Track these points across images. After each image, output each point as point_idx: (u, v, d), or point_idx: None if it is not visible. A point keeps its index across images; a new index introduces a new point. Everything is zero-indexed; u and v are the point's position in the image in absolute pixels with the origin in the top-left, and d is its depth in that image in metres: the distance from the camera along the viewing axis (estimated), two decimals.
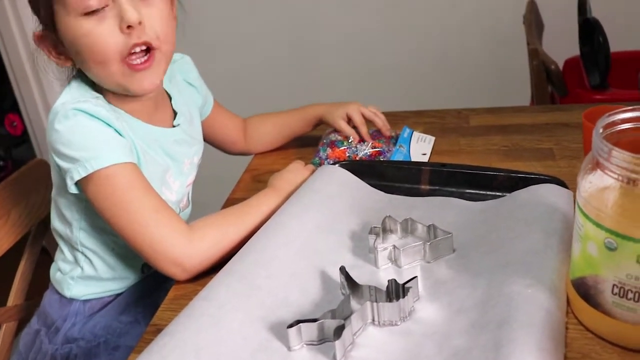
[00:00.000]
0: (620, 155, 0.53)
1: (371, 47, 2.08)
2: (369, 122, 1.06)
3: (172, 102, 0.95)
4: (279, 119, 1.14)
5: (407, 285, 0.63)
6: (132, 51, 0.79)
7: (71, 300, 0.92)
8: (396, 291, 0.64)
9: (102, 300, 0.94)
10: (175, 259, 0.75)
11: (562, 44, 1.77)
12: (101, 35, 0.77)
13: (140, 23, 0.77)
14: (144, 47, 0.80)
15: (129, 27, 0.77)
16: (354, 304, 0.65)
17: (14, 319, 1.04)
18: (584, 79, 1.60)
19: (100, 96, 0.84)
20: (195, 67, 1.04)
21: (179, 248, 0.75)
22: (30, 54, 2.21)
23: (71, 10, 0.76)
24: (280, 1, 2.08)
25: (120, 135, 0.81)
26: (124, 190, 0.77)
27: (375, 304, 0.62)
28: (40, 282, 1.02)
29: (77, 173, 0.77)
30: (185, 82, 1.01)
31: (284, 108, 1.16)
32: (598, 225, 0.55)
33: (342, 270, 0.66)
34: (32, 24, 0.85)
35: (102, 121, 0.79)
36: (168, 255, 0.75)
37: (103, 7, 0.76)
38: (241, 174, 1.06)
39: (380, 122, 1.07)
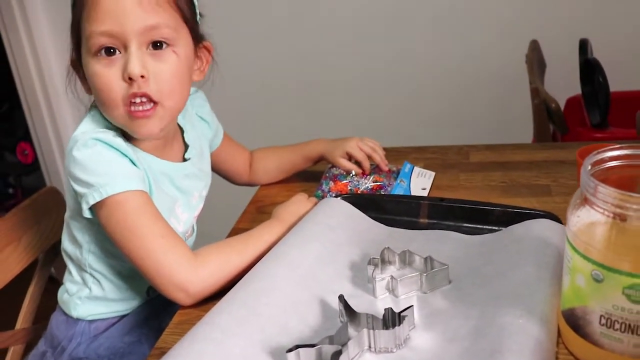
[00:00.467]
0: (605, 191, 0.55)
1: (376, 84, 2.12)
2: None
3: (185, 135, 0.99)
4: (282, 154, 1.17)
5: (403, 314, 0.65)
6: (133, 100, 0.82)
7: (77, 320, 0.95)
8: (392, 319, 0.66)
9: (108, 321, 0.96)
10: (179, 284, 0.78)
11: (564, 83, 1.81)
12: (108, 79, 0.81)
13: (142, 77, 0.80)
14: (144, 98, 0.82)
15: (130, 78, 0.80)
16: (351, 331, 0.67)
17: (22, 342, 1.06)
18: (585, 118, 1.63)
19: (113, 129, 0.88)
20: (207, 101, 1.08)
21: (183, 274, 0.78)
22: (44, 85, 2.29)
23: (87, 48, 0.81)
24: (289, 41, 2.13)
25: (135, 165, 0.85)
26: (134, 215, 0.80)
27: (372, 331, 0.65)
28: (47, 308, 1.05)
29: (92, 198, 0.80)
30: (197, 116, 1.04)
31: (290, 140, 1.19)
32: (585, 257, 0.58)
33: (341, 298, 0.69)
34: (47, 55, 0.91)
35: (119, 151, 0.83)
36: (173, 280, 0.78)
37: (114, 52, 0.80)
38: (246, 204, 1.09)
39: (378, 157, 1.10)
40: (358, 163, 1.09)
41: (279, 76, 2.18)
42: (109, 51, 0.80)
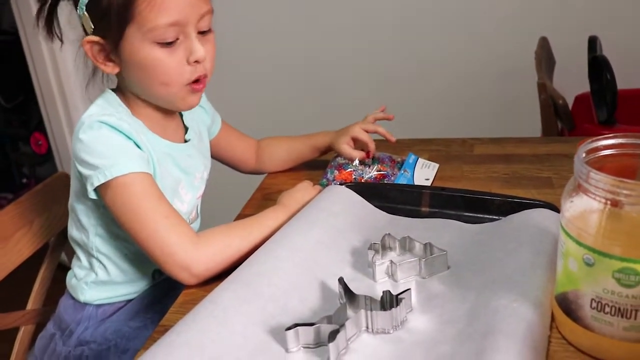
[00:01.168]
0: (597, 177, 0.57)
1: (385, 79, 2.14)
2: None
3: (183, 118, 1.02)
4: (290, 143, 1.20)
5: (400, 296, 0.67)
6: (196, 79, 0.89)
7: (85, 304, 0.98)
8: (390, 301, 0.68)
9: (114, 305, 0.98)
10: (182, 263, 0.80)
11: (574, 80, 1.81)
12: (171, 65, 0.86)
13: (205, 59, 0.88)
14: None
15: (196, 61, 0.87)
16: (350, 312, 0.69)
17: (32, 322, 1.09)
18: (593, 115, 1.63)
19: (126, 110, 0.92)
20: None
21: (187, 253, 0.80)
22: (58, 77, 2.32)
23: (147, 37, 0.84)
24: (297, 36, 2.15)
25: (139, 147, 0.87)
26: (138, 197, 0.83)
27: (369, 312, 0.66)
28: (57, 290, 1.08)
29: (97, 179, 0.83)
30: None
31: (296, 132, 1.21)
32: (577, 242, 0.59)
33: (341, 280, 0.70)
34: (63, 48, 0.93)
35: (124, 134, 0.86)
36: (176, 259, 0.80)
37: (175, 41, 0.85)
38: (253, 192, 1.11)
39: (383, 130, 1.12)
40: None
41: (286, 72, 2.21)
42: (169, 43, 0.85)
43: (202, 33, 0.89)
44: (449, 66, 2.06)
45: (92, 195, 0.85)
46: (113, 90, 0.94)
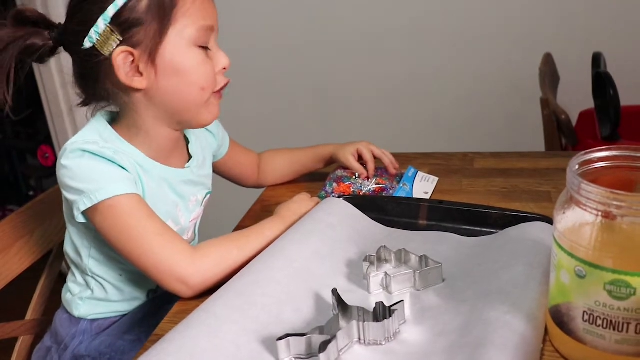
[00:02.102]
0: (589, 189, 0.57)
1: (389, 95, 2.15)
2: (376, 160, 1.12)
3: (189, 146, 1.01)
4: (292, 155, 1.20)
5: (393, 308, 0.67)
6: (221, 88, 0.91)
7: (79, 319, 0.98)
8: (383, 313, 0.67)
9: (109, 320, 0.98)
10: (179, 276, 0.80)
11: (578, 97, 1.81)
12: (211, 70, 0.88)
13: None
14: None
15: (224, 68, 0.90)
16: (342, 322, 0.68)
17: (31, 332, 1.09)
18: (597, 131, 1.63)
19: (115, 136, 0.90)
20: None
21: (183, 266, 0.80)
22: (66, 91, 2.34)
23: (191, 39, 0.85)
24: (301, 47, 2.16)
25: (125, 169, 0.86)
26: (127, 217, 0.82)
27: (362, 323, 0.66)
28: (56, 303, 1.08)
29: (82, 204, 0.82)
30: (203, 128, 1.06)
31: (298, 145, 1.22)
32: (569, 254, 0.59)
33: (334, 292, 0.70)
34: (70, 62, 0.91)
35: (106, 159, 0.84)
36: (173, 274, 0.80)
37: (207, 46, 0.88)
38: (252, 205, 1.11)
39: (388, 160, 1.13)
40: (364, 166, 1.11)
41: (289, 82, 2.22)
42: (205, 45, 0.87)
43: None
44: (454, 81, 2.07)
45: (80, 219, 0.85)
46: (109, 118, 0.93)
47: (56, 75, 2.32)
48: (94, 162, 0.84)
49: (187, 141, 1.02)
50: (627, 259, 0.56)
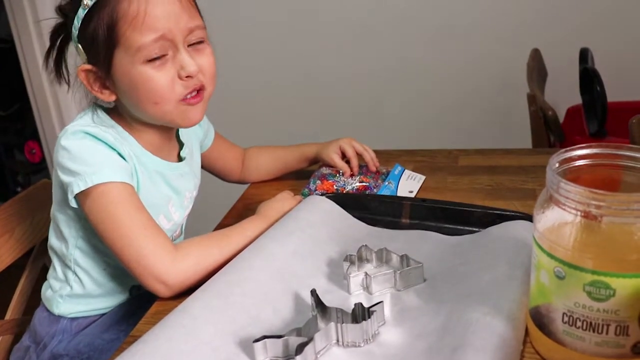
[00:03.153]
0: (568, 188, 0.56)
1: (376, 89, 2.14)
2: (360, 157, 1.11)
3: (179, 133, 1.01)
4: (276, 153, 1.19)
5: (372, 309, 0.66)
6: (188, 94, 0.87)
7: (59, 317, 0.97)
8: (362, 314, 0.66)
9: (89, 318, 0.97)
10: (158, 275, 0.79)
11: (567, 93, 1.81)
12: (162, 81, 0.84)
13: (198, 72, 0.86)
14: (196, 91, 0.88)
15: (187, 76, 0.85)
16: (321, 324, 0.68)
17: (11, 332, 1.08)
18: (585, 127, 1.63)
19: (115, 125, 0.91)
20: None
21: (163, 265, 0.79)
22: (52, 85, 2.32)
23: (135, 58, 0.83)
24: (287, 43, 2.15)
25: (123, 159, 0.86)
26: (116, 205, 0.82)
27: (340, 325, 0.65)
28: (37, 302, 1.07)
29: (77, 186, 0.82)
30: None
31: (284, 142, 1.21)
32: (549, 254, 0.58)
33: (313, 292, 0.69)
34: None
35: (107, 145, 0.85)
36: (152, 271, 0.79)
37: (164, 55, 0.84)
38: (234, 202, 1.10)
39: (369, 156, 1.12)
40: (348, 163, 1.11)
41: (274, 80, 2.21)
42: (157, 57, 0.84)
43: (193, 45, 0.87)
44: (440, 77, 2.06)
45: (73, 204, 0.84)
46: (107, 108, 0.93)
47: (43, 69, 2.29)
48: (94, 145, 0.84)
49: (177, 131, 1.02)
50: (607, 260, 0.55)
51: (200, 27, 0.87)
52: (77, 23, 0.84)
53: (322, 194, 0.96)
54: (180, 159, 1.00)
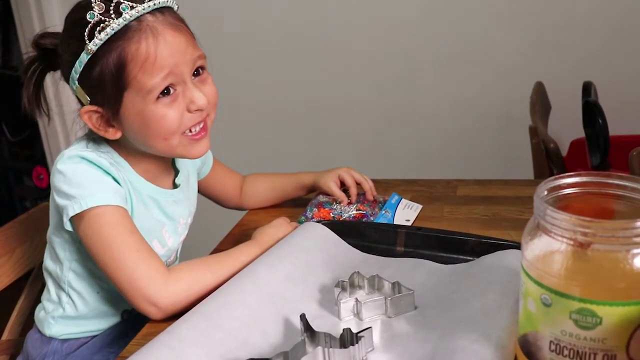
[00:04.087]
0: (554, 215, 0.56)
1: (379, 122, 2.14)
2: (358, 186, 1.12)
3: (175, 161, 1.02)
4: (274, 180, 1.20)
5: (360, 335, 0.66)
6: (193, 127, 0.88)
7: (50, 339, 0.97)
8: (350, 340, 0.66)
9: (80, 340, 0.98)
10: (150, 297, 0.79)
11: (571, 125, 1.81)
12: (174, 117, 0.85)
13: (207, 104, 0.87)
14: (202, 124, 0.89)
15: (197, 109, 0.86)
16: (309, 349, 0.67)
17: (6, 353, 1.08)
18: (588, 160, 1.63)
19: (111, 151, 0.91)
20: None
21: (155, 287, 0.79)
22: (61, 112, 2.35)
23: (147, 98, 0.83)
24: (293, 71, 2.17)
25: (118, 183, 0.87)
26: (110, 228, 0.83)
27: (327, 349, 0.65)
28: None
29: (72, 209, 0.83)
30: None
31: (283, 170, 1.22)
32: (536, 282, 0.58)
33: (302, 317, 0.69)
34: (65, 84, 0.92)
35: (102, 169, 0.86)
36: (144, 293, 0.79)
37: (171, 89, 0.84)
38: (231, 228, 1.11)
39: (367, 185, 1.12)
40: (346, 192, 1.11)
41: (276, 106, 2.22)
42: (167, 91, 0.84)
43: (197, 76, 0.88)
44: (443, 109, 2.07)
45: (68, 227, 0.85)
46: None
47: (52, 95, 2.33)
48: (89, 169, 0.85)
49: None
50: (593, 288, 0.55)
51: (202, 57, 0.89)
52: (78, 67, 0.83)
53: (317, 221, 0.96)
54: (175, 185, 1.01)
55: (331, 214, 1.06)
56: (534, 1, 1.92)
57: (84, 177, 0.85)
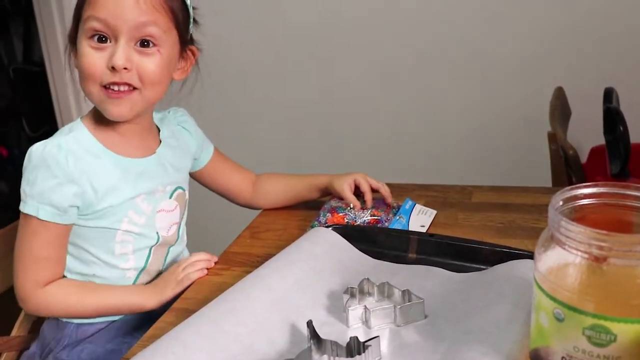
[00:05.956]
0: (569, 227, 0.54)
1: (396, 125, 2.12)
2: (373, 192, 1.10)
3: (160, 133, 1.04)
4: (287, 181, 1.19)
5: (367, 343, 0.64)
6: (111, 86, 0.90)
7: (66, 323, 0.98)
8: (357, 348, 0.65)
9: (95, 326, 0.99)
10: (19, 297, 0.94)
11: (591, 132, 1.78)
12: (93, 62, 0.89)
13: (125, 69, 0.89)
14: (123, 87, 0.91)
15: (113, 68, 0.88)
16: (315, 356, 0.66)
17: (15, 349, 1.09)
18: (607, 167, 1.59)
19: (85, 132, 0.95)
20: (191, 118, 1.14)
21: (24, 290, 0.93)
22: (79, 109, 2.36)
23: (83, 30, 0.90)
24: (306, 77, 2.16)
25: (73, 178, 0.90)
26: (31, 235, 0.92)
27: (333, 358, 0.64)
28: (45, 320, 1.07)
29: (21, 204, 0.91)
30: (179, 126, 1.10)
31: (296, 172, 1.21)
32: (548, 295, 0.56)
33: (309, 324, 0.68)
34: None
35: (59, 168, 0.89)
36: (17, 292, 0.94)
37: (105, 41, 0.89)
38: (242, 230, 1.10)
39: (385, 191, 1.11)
40: (359, 197, 1.10)
41: (291, 108, 2.21)
42: (101, 39, 0.89)
43: (143, 47, 0.90)
44: (462, 114, 2.05)
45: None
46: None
47: (71, 92, 2.35)
48: (45, 174, 0.89)
49: (159, 130, 1.05)
50: (608, 303, 0.53)
51: (153, 24, 0.90)
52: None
53: (328, 226, 0.95)
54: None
55: (345, 219, 1.04)
56: (555, 4, 1.89)
57: (37, 179, 0.89)
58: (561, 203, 0.60)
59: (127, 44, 0.89)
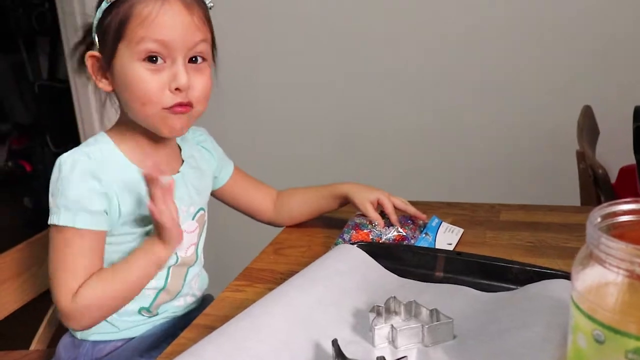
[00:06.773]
0: (610, 244, 0.52)
1: (424, 142, 2.11)
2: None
3: (182, 152, 1.03)
4: (306, 193, 1.17)
5: None
6: (175, 107, 0.89)
7: (82, 341, 0.97)
8: None
9: (112, 344, 0.97)
10: (60, 309, 0.88)
11: (620, 152, 1.74)
12: (152, 85, 0.88)
13: (188, 87, 0.89)
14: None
15: (177, 89, 0.88)
16: None
17: None
18: (638, 187, 1.56)
19: (107, 139, 0.94)
20: (210, 137, 1.13)
21: (66, 305, 0.87)
22: (103, 126, 2.38)
23: (134, 51, 0.87)
24: (332, 89, 2.15)
25: (101, 185, 0.88)
26: (64, 245, 0.89)
27: None
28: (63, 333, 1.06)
29: (53, 218, 0.89)
30: (198, 145, 1.09)
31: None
32: (587, 316, 0.53)
33: (334, 342, 0.66)
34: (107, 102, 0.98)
35: (89, 173, 0.88)
36: (58, 304, 0.88)
37: (158, 61, 0.87)
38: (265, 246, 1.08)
39: (413, 210, 1.08)
40: (382, 214, 1.07)
41: (314, 126, 2.21)
42: (153, 59, 0.87)
43: (194, 62, 0.90)
44: (488, 132, 2.02)
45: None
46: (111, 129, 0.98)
47: (94, 110, 2.37)
48: (78, 184, 0.87)
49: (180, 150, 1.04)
50: None
51: (205, 41, 0.91)
52: (98, 15, 0.90)
53: (352, 243, 0.92)
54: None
55: (370, 235, 1.02)
56: (583, 22, 1.87)
57: (71, 188, 0.87)
58: (599, 219, 0.57)
59: (184, 63, 0.89)
